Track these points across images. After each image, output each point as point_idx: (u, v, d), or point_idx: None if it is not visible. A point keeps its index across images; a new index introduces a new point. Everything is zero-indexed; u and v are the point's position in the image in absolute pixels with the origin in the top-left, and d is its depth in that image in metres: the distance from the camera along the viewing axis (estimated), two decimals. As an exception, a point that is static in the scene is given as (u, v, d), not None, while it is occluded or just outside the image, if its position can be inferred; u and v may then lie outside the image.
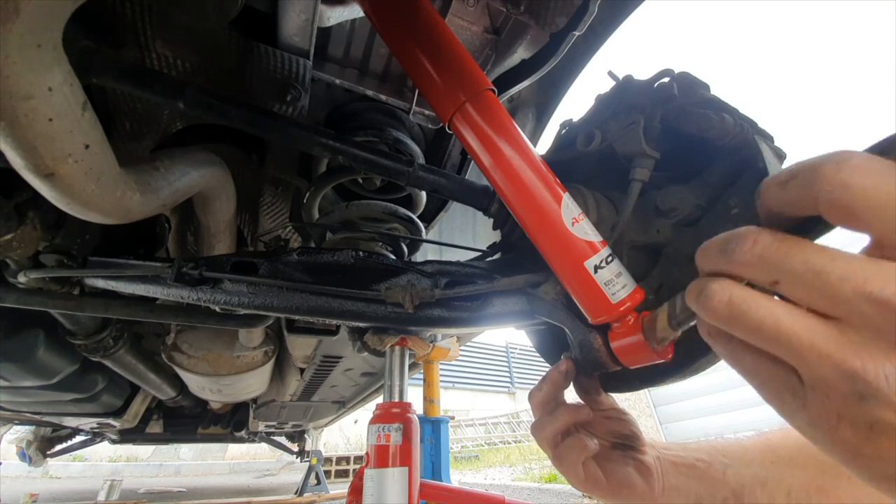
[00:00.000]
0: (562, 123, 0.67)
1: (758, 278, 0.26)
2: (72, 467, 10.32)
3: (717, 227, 0.50)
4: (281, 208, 1.11)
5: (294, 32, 0.70)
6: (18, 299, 0.85)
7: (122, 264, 0.76)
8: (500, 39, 0.82)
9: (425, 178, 0.70)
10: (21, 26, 0.37)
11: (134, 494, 6.82)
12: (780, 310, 0.25)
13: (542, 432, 0.51)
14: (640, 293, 0.48)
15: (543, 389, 0.53)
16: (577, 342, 0.52)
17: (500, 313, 0.62)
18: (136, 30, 0.66)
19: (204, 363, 1.71)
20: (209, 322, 1.05)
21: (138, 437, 4.00)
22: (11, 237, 0.71)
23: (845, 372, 0.22)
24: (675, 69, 0.51)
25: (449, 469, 3.44)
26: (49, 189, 0.49)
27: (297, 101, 0.77)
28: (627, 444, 0.55)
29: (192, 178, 0.75)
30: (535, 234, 0.53)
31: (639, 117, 0.50)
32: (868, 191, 0.21)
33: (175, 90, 0.60)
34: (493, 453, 15.23)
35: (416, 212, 1.03)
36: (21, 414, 2.17)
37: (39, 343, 1.15)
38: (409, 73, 0.61)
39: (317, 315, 0.63)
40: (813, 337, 0.23)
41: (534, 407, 0.54)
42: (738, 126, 0.46)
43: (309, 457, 5.93)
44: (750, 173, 0.47)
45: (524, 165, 0.52)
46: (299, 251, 0.67)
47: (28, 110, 0.41)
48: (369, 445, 1.22)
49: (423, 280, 0.65)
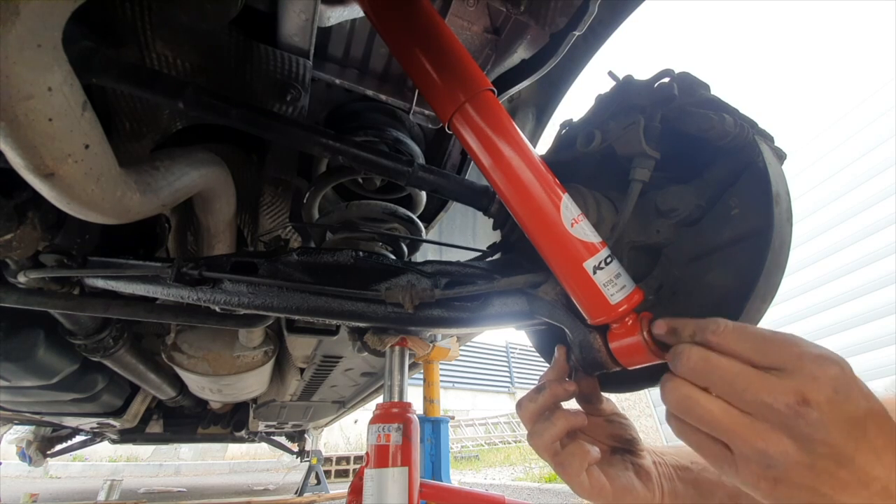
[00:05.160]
0: (562, 123, 0.67)
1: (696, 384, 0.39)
2: (72, 467, 10.32)
3: (718, 228, 0.50)
4: (281, 208, 1.11)
5: (294, 32, 0.70)
6: (18, 299, 0.85)
7: (122, 264, 0.76)
8: (499, 39, 0.82)
9: (425, 178, 0.69)
10: (21, 26, 0.37)
11: (134, 494, 6.82)
12: (715, 406, 0.37)
13: (540, 440, 0.50)
14: (640, 294, 0.48)
15: (539, 401, 0.52)
16: (577, 342, 0.52)
17: (500, 313, 0.62)
18: (136, 30, 0.66)
19: (204, 363, 1.71)
20: (209, 322, 1.05)
21: (138, 437, 3.99)
22: (11, 237, 0.71)
23: (758, 450, 0.34)
24: (675, 69, 0.51)
25: (449, 469, 3.44)
26: (49, 189, 0.49)
27: (297, 101, 0.77)
28: (627, 448, 0.56)
29: (192, 179, 0.75)
30: (534, 234, 0.52)
31: (639, 117, 0.50)
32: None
33: (175, 90, 0.60)
34: (493, 453, 15.24)
35: (416, 212, 1.03)
36: (21, 414, 2.17)
37: (39, 343, 1.15)
38: (409, 74, 0.61)
39: (317, 315, 0.63)
40: (736, 427, 0.36)
41: (526, 418, 0.53)
42: (738, 126, 0.46)
43: (309, 457, 5.92)
44: (750, 173, 0.47)
45: (523, 166, 0.52)
46: (299, 251, 0.67)
47: (28, 110, 0.41)
48: (369, 445, 1.22)
49: (423, 280, 0.65)
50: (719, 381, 0.37)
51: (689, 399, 0.38)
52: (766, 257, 0.43)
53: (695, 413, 0.38)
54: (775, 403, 0.34)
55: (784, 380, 0.35)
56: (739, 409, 0.36)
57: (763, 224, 0.44)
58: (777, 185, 0.44)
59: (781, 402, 0.34)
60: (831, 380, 0.34)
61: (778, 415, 0.34)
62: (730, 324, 0.39)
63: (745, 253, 0.47)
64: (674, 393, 0.39)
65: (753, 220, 0.46)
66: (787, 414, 0.33)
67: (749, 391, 0.35)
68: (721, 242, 0.49)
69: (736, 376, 0.36)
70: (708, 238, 0.51)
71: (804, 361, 0.35)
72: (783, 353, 0.36)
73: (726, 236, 0.49)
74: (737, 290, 0.46)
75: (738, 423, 0.35)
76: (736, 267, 0.47)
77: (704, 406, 0.37)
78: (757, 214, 0.46)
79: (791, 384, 0.34)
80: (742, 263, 0.47)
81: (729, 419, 0.36)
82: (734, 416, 0.36)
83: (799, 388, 0.34)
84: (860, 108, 5.21)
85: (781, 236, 0.43)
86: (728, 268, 0.48)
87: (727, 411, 0.36)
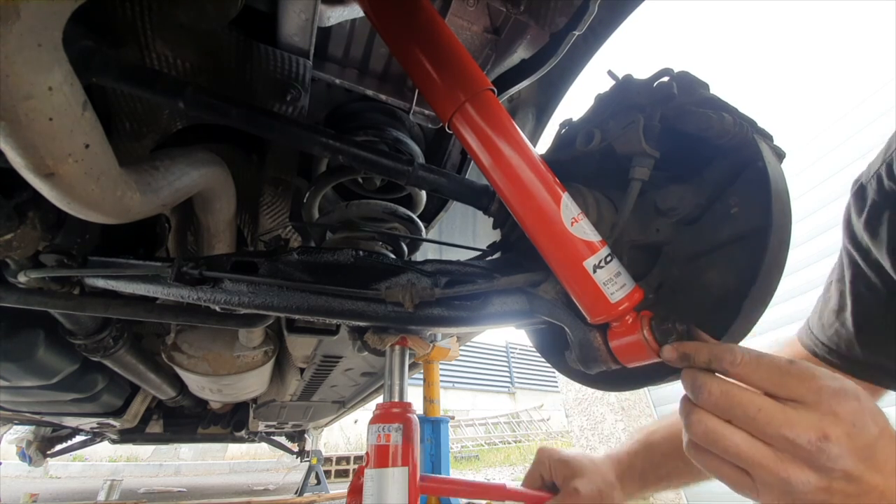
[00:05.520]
0: (561, 123, 0.67)
1: (719, 416, 0.40)
2: (72, 467, 10.31)
3: (717, 227, 0.50)
4: (281, 208, 1.11)
5: (294, 32, 0.70)
6: (18, 299, 0.85)
7: (122, 264, 0.76)
8: (499, 39, 0.82)
9: (425, 177, 0.70)
10: (21, 26, 0.37)
11: (134, 494, 6.82)
12: (738, 437, 0.39)
13: None
14: (639, 293, 0.49)
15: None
16: (577, 341, 0.53)
17: (500, 312, 0.62)
18: (136, 30, 0.66)
19: (204, 363, 1.71)
20: (209, 322, 1.05)
21: (138, 437, 3.99)
22: (11, 237, 0.71)
23: (780, 479, 0.37)
24: (674, 69, 0.51)
25: (449, 469, 3.44)
26: (49, 189, 0.49)
27: (297, 100, 0.77)
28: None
29: (193, 178, 0.75)
30: (534, 233, 0.53)
31: (638, 116, 0.50)
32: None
33: (175, 90, 0.60)
34: (493, 453, 15.23)
35: (416, 211, 1.03)
36: (21, 414, 2.17)
37: (39, 343, 1.15)
38: (409, 73, 0.61)
39: (317, 314, 0.63)
40: (758, 457, 0.38)
41: None
42: (737, 125, 0.46)
43: (309, 457, 5.92)
44: (750, 172, 0.48)
45: (523, 165, 0.52)
46: (299, 250, 0.67)
47: (28, 110, 0.41)
48: (369, 445, 1.21)
49: (424, 279, 0.65)
50: (742, 416, 0.39)
51: (716, 433, 0.40)
52: (765, 255, 0.43)
53: (720, 445, 0.40)
54: (798, 439, 0.36)
55: (804, 414, 0.37)
56: (762, 441, 0.38)
57: (762, 222, 0.44)
58: (776, 183, 0.44)
59: (804, 438, 0.36)
60: (850, 415, 0.36)
61: (800, 450, 0.36)
62: (746, 354, 0.40)
63: (744, 251, 0.47)
64: (699, 426, 0.41)
65: (753, 219, 0.46)
66: (809, 450, 0.36)
67: (771, 426, 0.37)
68: (720, 241, 0.49)
69: (759, 411, 0.38)
70: (707, 237, 0.51)
71: (823, 396, 0.37)
72: (801, 386, 0.38)
73: (726, 235, 0.49)
74: (736, 288, 0.46)
75: (762, 456, 0.38)
76: (735, 265, 0.47)
77: (730, 439, 0.39)
78: (756, 213, 0.46)
79: (811, 420, 0.36)
80: (741, 262, 0.47)
81: (753, 451, 0.38)
82: (758, 449, 0.38)
83: (819, 424, 0.36)
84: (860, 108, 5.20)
85: (781, 234, 0.43)
86: (727, 266, 0.48)
87: (751, 444, 0.38)
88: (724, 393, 0.40)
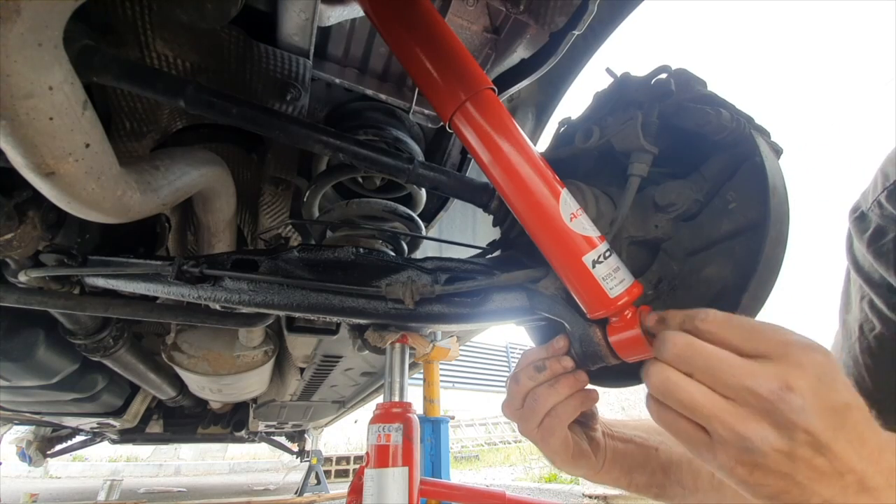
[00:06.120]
0: (560, 121, 0.67)
1: (680, 369, 0.39)
2: (72, 467, 10.31)
3: (716, 222, 0.51)
4: (281, 207, 1.11)
5: (294, 32, 0.70)
6: (19, 299, 0.85)
7: (122, 263, 0.76)
8: (499, 39, 0.82)
9: (425, 174, 0.70)
10: (22, 25, 0.37)
11: (134, 494, 6.81)
12: (696, 389, 0.37)
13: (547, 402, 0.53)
14: (638, 288, 0.49)
15: (539, 379, 0.54)
16: (577, 336, 0.53)
17: (500, 309, 0.63)
18: (136, 29, 0.66)
19: (204, 363, 1.71)
20: (209, 321, 1.05)
21: (138, 437, 3.99)
22: (12, 236, 0.71)
23: (738, 434, 0.34)
24: (672, 66, 0.51)
25: (449, 469, 3.44)
26: (49, 188, 0.49)
27: (297, 100, 0.77)
28: (585, 420, 0.60)
29: (193, 178, 0.75)
30: (533, 229, 0.53)
31: (637, 113, 0.51)
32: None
33: (177, 88, 0.60)
34: (493, 453, 15.23)
35: (417, 210, 1.03)
36: (21, 414, 2.17)
37: (39, 343, 1.15)
38: (410, 73, 0.61)
39: (318, 312, 0.64)
40: (717, 411, 0.36)
41: (522, 394, 0.54)
42: (734, 121, 0.47)
43: (309, 457, 5.92)
44: (747, 167, 0.48)
45: (523, 162, 0.52)
46: (300, 248, 0.67)
47: (29, 109, 0.41)
48: (369, 445, 1.21)
49: (424, 276, 0.65)
50: (703, 367, 0.37)
51: (671, 382, 0.38)
52: (763, 249, 0.43)
53: (675, 396, 0.38)
54: (759, 388, 0.34)
55: (768, 366, 0.35)
56: (721, 395, 0.36)
57: (760, 217, 0.45)
58: (774, 178, 0.45)
59: (765, 387, 0.34)
60: (816, 367, 0.34)
61: (761, 400, 0.34)
62: (718, 313, 0.39)
63: (742, 246, 0.47)
64: (656, 376, 0.39)
65: (751, 214, 0.47)
66: (770, 399, 0.33)
67: (732, 376, 0.35)
68: (719, 236, 0.50)
69: (720, 362, 0.36)
70: (706, 232, 0.51)
71: (790, 349, 0.35)
72: (769, 340, 0.36)
73: (724, 230, 0.49)
74: (735, 283, 0.46)
75: (720, 408, 0.35)
76: (734, 260, 0.48)
77: (686, 389, 0.37)
78: (754, 208, 0.46)
79: (775, 370, 0.34)
80: (740, 257, 0.47)
81: (710, 403, 0.36)
82: (716, 401, 0.36)
83: (783, 374, 0.34)
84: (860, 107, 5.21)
85: (778, 229, 0.44)
86: (726, 261, 0.49)
87: (709, 395, 0.36)
88: (687, 345, 0.38)
